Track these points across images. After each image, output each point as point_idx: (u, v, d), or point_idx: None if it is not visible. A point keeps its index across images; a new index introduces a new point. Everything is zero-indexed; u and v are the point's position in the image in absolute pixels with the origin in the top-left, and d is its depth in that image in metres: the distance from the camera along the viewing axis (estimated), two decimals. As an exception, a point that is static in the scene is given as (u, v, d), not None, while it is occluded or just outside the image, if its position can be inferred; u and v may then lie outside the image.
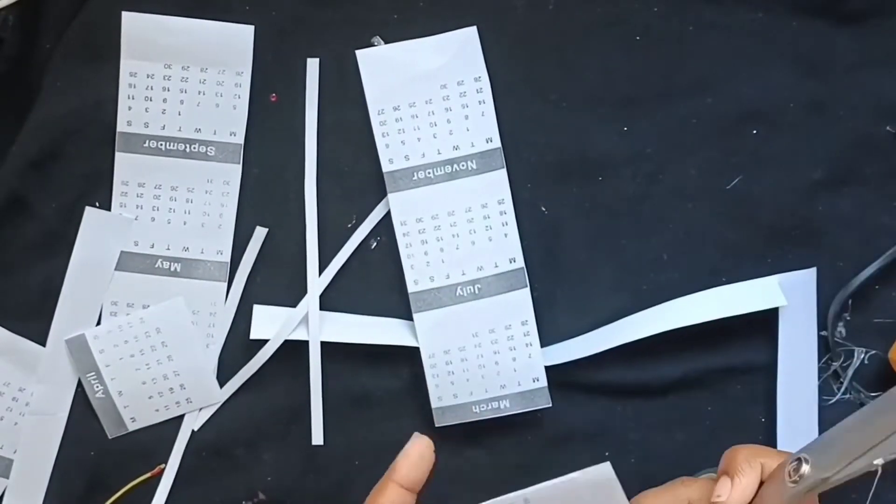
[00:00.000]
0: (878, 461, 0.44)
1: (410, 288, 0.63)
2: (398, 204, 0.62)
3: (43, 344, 0.63)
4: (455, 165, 0.63)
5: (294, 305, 0.63)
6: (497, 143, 0.63)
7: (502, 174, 0.63)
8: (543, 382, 0.62)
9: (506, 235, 0.63)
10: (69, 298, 0.63)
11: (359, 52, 0.63)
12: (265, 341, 0.62)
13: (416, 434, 0.50)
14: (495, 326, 0.62)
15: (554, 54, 0.64)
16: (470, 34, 0.63)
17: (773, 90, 0.64)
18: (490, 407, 0.62)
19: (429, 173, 0.62)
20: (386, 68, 0.63)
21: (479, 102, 0.63)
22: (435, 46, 0.63)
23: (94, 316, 0.63)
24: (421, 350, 0.62)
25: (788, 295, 0.62)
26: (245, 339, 0.63)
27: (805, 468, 0.46)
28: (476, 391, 0.62)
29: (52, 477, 0.63)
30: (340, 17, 0.63)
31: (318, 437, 0.62)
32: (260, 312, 0.63)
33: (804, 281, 0.63)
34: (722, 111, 0.64)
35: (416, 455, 0.49)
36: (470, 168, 0.63)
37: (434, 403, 0.62)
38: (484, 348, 0.62)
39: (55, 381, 0.62)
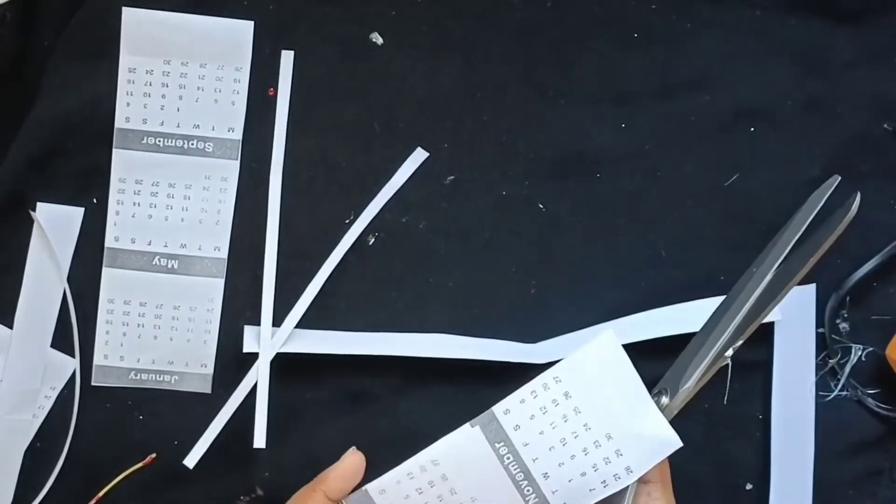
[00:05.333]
0: (729, 353, 0.53)
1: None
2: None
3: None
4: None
5: (294, 298, 0.63)
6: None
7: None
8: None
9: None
10: (29, 296, 0.63)
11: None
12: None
13: (352, 448, 0.54)
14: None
15: (552, 51, 0.64)
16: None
17: (771, 87, 0.64)
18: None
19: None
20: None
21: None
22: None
23: (56, 307, 0.63)
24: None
25: (786, 310, 0.62)
26: (242, 330, 0.63)
27: (664, 399, 0.53)
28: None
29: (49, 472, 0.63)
30: (339, 12, 0.64)
31: (260, 441, 0.62)
32: (249, 332, 0.63)
33: (803, 297, 0.63)
34: (719, 108, 0.64)
35: (350, 469, 0.53)
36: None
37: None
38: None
39: (23, 380, 0.62)
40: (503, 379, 0.63)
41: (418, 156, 0.64)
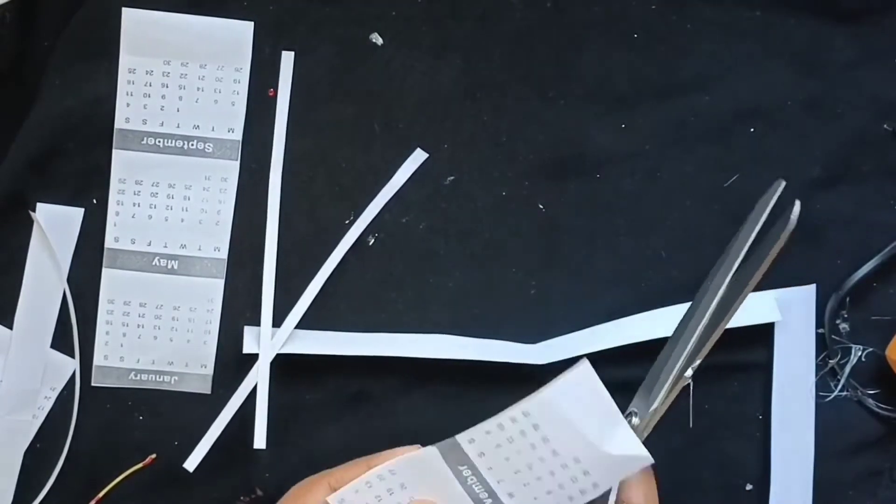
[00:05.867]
0: (689, 373, 0.52)
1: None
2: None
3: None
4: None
5: (294, 299, 0.63)
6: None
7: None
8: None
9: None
10: (29, 296, 0.63)
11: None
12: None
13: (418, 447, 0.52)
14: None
15: (552, 52, 0.64)
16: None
17: (771, 88, 0.64)
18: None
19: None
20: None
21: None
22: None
23: (56, 308, 0.63)
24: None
25: (787, 310, 0.62)
26: (242, 330, 0.63)
27: (634, 420, 0.52)
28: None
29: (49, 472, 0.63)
30: (339, 12, 0.64)
31: (260, 442, 0.62)
32: (249, 333, 0.63)
33: (803, 298, 0.63)
34: (719, 109, 0.64)
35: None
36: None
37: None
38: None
39: (22, 381, 0.63)
40: (503, 379, 0.63)
41: (418, 156, 0.64)
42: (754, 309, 0.62)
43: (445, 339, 0.63)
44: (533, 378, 0.63)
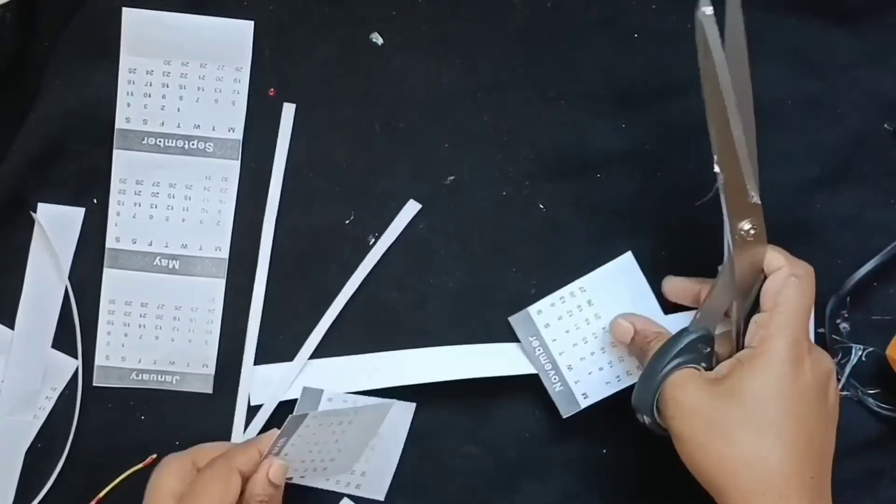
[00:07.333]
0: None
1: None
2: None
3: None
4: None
5: (294, 298, 0.63)
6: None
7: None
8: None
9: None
10: (31, 296, 0.63)
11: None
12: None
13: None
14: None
15: (552, 52, 0.64)
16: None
17: (771, 87, 0.64)
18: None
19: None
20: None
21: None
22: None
23: (57, 308, 0.63)
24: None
25: None
26: (242, 333, 0.63)
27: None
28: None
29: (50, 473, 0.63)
30: (340, 12, 0.64)
31: None
32: (260, 371, 0.63)
33: None
34: (720, 108, 0.64)
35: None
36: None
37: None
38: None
39: (24, 381, 0.63)
40: (503, 379, 0.63)
41: (411, 207, 0.64)
42: None
43: (449, 354, 0.63)
44: (533, 378, 0.63)
